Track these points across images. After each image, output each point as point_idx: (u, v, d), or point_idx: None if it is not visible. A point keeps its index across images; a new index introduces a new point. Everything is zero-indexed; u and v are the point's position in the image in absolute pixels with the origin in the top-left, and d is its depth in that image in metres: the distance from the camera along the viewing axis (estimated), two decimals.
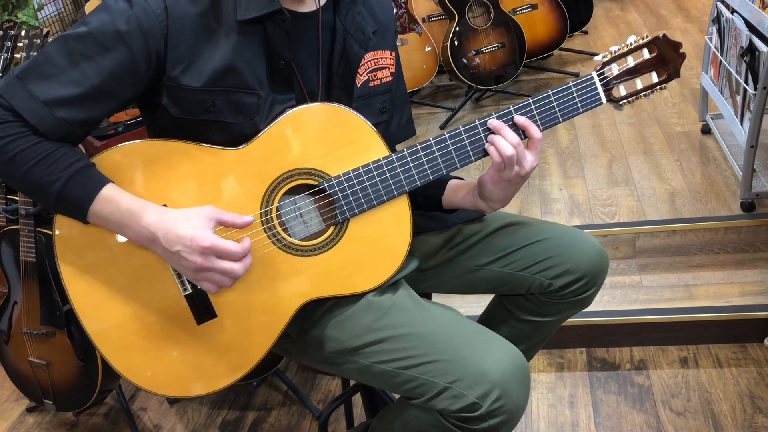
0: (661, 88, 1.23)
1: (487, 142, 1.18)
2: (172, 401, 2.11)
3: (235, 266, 1.09)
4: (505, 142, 1.15)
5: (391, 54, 1.30)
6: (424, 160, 1.18)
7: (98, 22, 1.08)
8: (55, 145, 1.08)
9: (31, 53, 1.76)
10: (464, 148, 1.18)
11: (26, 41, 1.77)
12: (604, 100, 1.21)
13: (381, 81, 1.28)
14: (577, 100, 1.20)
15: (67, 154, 1.09)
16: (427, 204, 1.33)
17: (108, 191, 1.09)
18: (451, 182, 1.31)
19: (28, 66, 1.08)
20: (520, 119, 1.17)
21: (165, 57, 1.10)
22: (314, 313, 1.23)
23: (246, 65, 1.13)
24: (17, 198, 1.81)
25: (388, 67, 1.29)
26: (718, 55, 2.59)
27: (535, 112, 1.19)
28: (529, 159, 1.17)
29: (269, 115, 1.16)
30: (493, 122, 1.17)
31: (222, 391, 2.11)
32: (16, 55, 1.84)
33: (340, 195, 1.17)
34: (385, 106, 1.30)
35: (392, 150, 1.18)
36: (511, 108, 1.18)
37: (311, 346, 1.23)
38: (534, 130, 1.17)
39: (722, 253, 2.25)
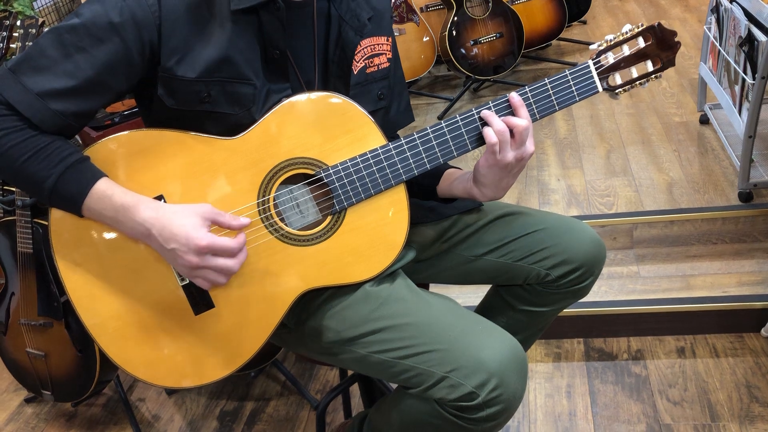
0: (656, 77, 1.24)
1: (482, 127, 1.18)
2: (170, 392, 2.11)
3: (230, 263, 1.09)
4: (498, 119, 1.16)
5: (387, 40, 1.30)
6: (421, 148, 1.18)
7: (91, 13, 1.07)
8: (49, 139, 1.08)
9: (27, 43, 1.75)
10: (461, 137, 1.18)
11: (21, 31, 1.76)
12: (600, 88, 1.21)
13: (378, 67, 1.28)
14: (573, 88, 1.20)
15: (60, 147, 1.08)
16: (424, 194, 1.33)
17: (101, 186, 1.08)
18: (447, 171, 1.31)
19: (21, 59, 1.07)
20: (515, 97, 1.17)
21: (159, 48, 1.09)
22: (312, 303, 1.22)
23: (241, 55, 1.13)
24: (13, 189, 1.81)
25: (385, 54, 1.29)
26: (717, 44, 2.58)
27: (531, 101, 1.19)
28: (510, 151, 1.16)
29: (265, 105, 1.15)
30: (486, 111, 1.17)
31: (220, 382, 2.11)
32: (11, 45, 1.83)
33: (337, 184, 1.16)
34: (383, 93, 1.30)
35: (394, 137, 1.18)
36: (507, 96, 1.18)
37: (309, 337, 1.23)
38: (516, 121, 1.15)
39: (720, 244, 2.25)
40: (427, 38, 3.45)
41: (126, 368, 1.17)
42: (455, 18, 3.27)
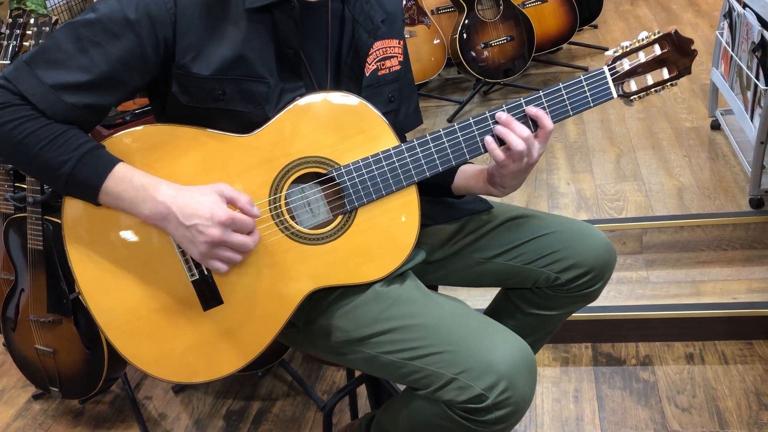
0: (671, 84, 1.24)
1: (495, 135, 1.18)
2: (177, 390, 2.12)
3: (248, 239, 1.10)
4: (515, 136, 1.15)
5: (399, 43, 1.30)
6: (433, 150, 1.18)
7: (107, 8, 1.08)
8: (64, 127, 1.08)
9: (40, 41, 1.76)
10: (474, 140, 1.18)
11: (35, 29, 1.77)
12: (614, 94, 1.21)
13: (389, 70, 1.28)
14: (588, 94, 1.19)
15: (76, 135, 1.09)
16: (437, 191, 1.33)
17: (120, 169, 1.09)
18: (461, 168, 1.31)
19: (36, 51, 1.08)
20: (532, 110, 1.17)
21: (174, 45, 1.10)
22: (321, 302, 1.23)
23: (255, 54, 1.13)
24: (25, 186, 1.82)
25: (397, 56, 1.29)
26: (729, 50, 2.57)
27: (545, 105, 1.18)
28: (537, 147, 1.18)
29: (278, 103, 1.16)
30: (502, 115, 1.16)
31: (227, 381, 2.11)
32: (24, 43, 1.84)
33: (349, 184, 1.16)
34: (393, 95, 1.30)
35: (401, 139, 1.18)
36: (522, 100, 1.18)
37: (318, 336, 1.23)
38: (546, 121, 1.17)
39: (730, 250, 2.24)
40: (438, 41, 3.45)
41: (135, 363, 1.17)
42: (466, 21, 3.27)
